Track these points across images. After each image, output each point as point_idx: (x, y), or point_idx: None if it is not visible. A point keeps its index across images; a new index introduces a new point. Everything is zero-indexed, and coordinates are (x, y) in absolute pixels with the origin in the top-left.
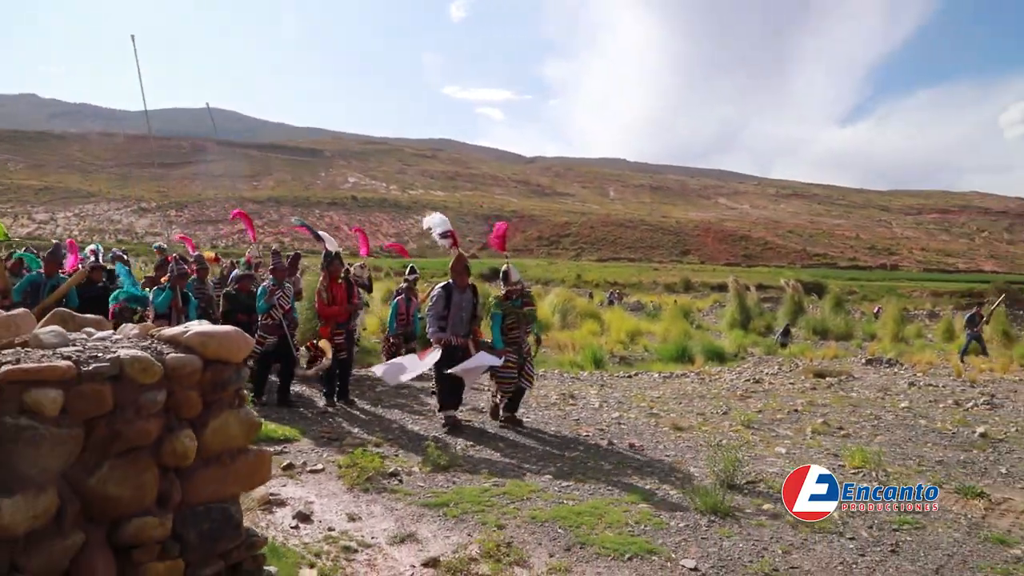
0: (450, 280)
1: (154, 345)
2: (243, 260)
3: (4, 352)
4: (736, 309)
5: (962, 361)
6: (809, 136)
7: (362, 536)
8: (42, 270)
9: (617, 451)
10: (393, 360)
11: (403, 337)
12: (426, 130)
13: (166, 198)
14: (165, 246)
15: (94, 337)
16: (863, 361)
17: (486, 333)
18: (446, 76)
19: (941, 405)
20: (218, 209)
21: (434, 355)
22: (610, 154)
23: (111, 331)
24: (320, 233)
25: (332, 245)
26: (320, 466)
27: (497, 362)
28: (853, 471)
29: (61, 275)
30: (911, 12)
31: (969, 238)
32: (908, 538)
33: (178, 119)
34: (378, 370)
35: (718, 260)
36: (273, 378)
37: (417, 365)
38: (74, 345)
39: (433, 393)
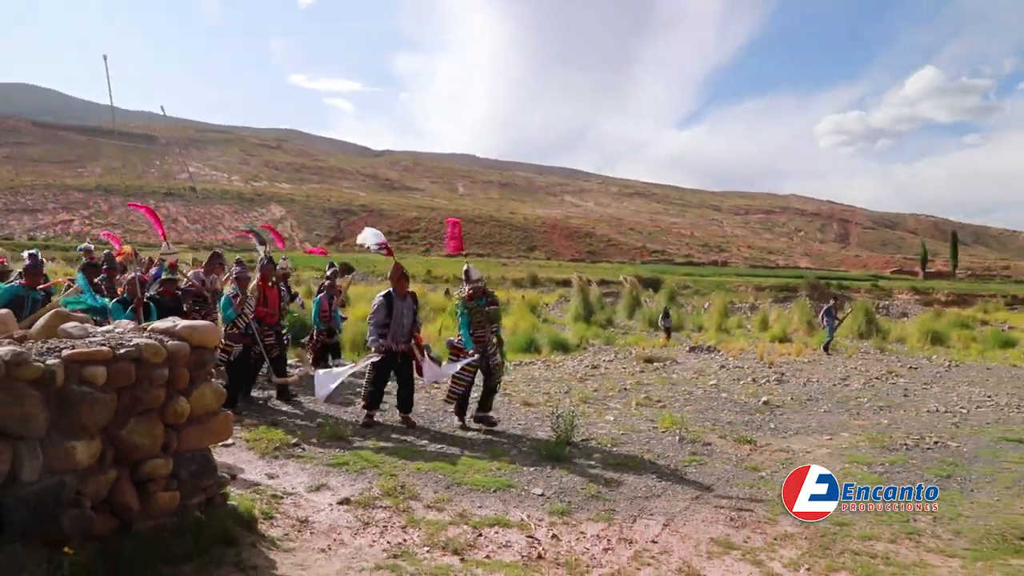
0: (390, 289)
1: (155, 335)
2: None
3: (51, 341)
4: (579, 304)
5: (827, 353)
6: (650, 138)
7: (284, 488)
8: (23, 282)
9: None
10: (321, 372)
11: (327, 333)
12: (271, 119)
13: None
14: (92, 247)
15: (102, 329)
16: (687, 349)
17: (424, 338)
18: (293, 64)
19: (741, 382)
20: (36, 197)
21: (372, 356)
22: (460, 149)
23: (110, 326)
24: (259, 236)
25: (264, 248)
26: (230, 441)
27: (457, 367)
28: (663, 431)
29: (38, 289)
30: (743, 26)
31: (788, 237)
32: (694, 470)
33: None
34: (317, 390)
35: (564, 256)
36: None
37: (347, 369)
38: (95, 336)
39: (359, 392)
